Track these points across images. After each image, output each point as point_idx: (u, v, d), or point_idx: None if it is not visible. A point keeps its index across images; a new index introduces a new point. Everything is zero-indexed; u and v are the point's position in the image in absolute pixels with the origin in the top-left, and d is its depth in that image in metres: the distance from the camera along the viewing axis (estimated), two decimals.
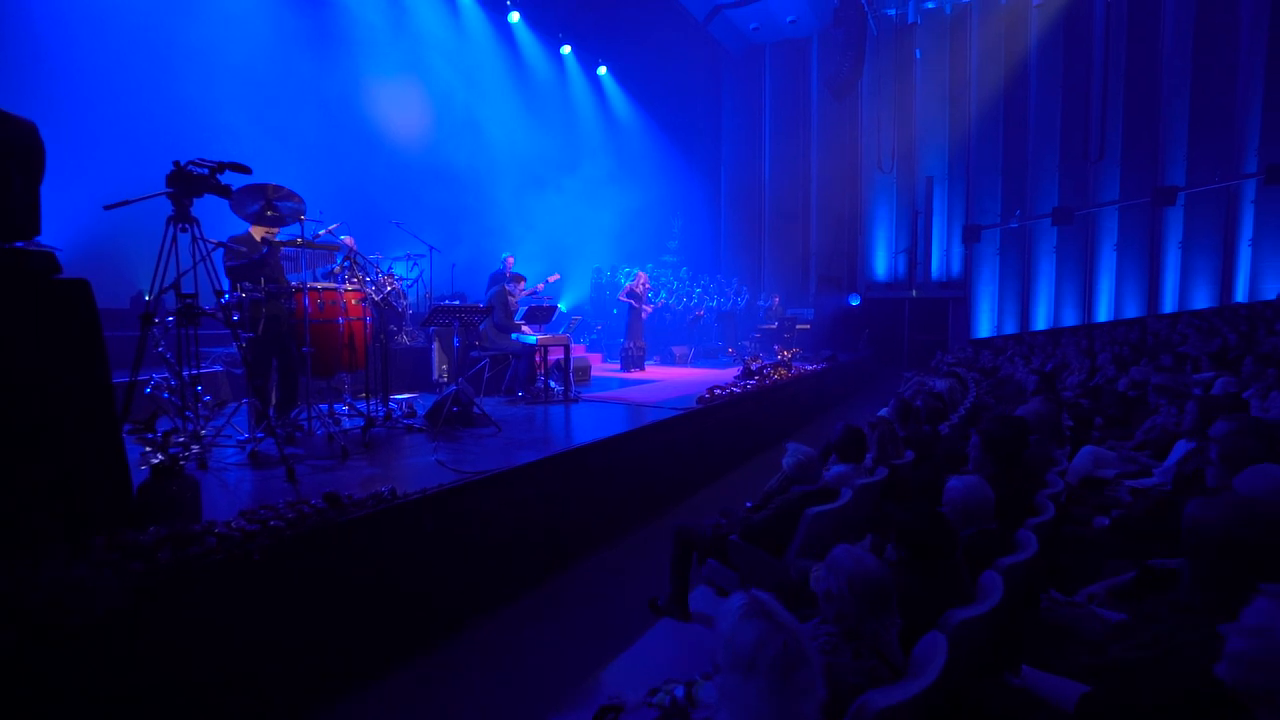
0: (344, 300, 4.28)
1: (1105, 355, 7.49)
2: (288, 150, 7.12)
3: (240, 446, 3.78)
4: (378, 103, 9.18)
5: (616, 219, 14.24)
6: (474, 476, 3.25)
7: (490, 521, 3.27)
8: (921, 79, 16.84)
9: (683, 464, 5.42)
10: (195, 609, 1.96)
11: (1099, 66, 15.37)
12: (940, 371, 10.13)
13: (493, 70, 11.71)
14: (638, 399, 6.52)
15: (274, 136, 7.17)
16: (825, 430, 9.41)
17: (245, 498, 2.91)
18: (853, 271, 17.89)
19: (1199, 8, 14.35)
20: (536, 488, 3.61)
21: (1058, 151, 15.87)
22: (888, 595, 1.58)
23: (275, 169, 4.08)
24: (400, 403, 5.26)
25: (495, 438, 4.48)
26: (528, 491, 3.54)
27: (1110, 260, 15.73)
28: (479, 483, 3.20)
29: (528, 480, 3.53)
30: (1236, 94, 14.08)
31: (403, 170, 9.35)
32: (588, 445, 4.07)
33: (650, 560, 4.05)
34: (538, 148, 12.23)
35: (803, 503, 2.91)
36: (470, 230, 10.32)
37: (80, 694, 1.67)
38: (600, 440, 4.20)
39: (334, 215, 5.41)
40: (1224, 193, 14.44)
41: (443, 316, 4.50)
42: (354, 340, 4.40)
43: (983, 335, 16.80)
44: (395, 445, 4.19)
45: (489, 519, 3.26)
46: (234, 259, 3.96)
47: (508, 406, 6.00)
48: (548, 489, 3.69)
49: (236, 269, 3.96)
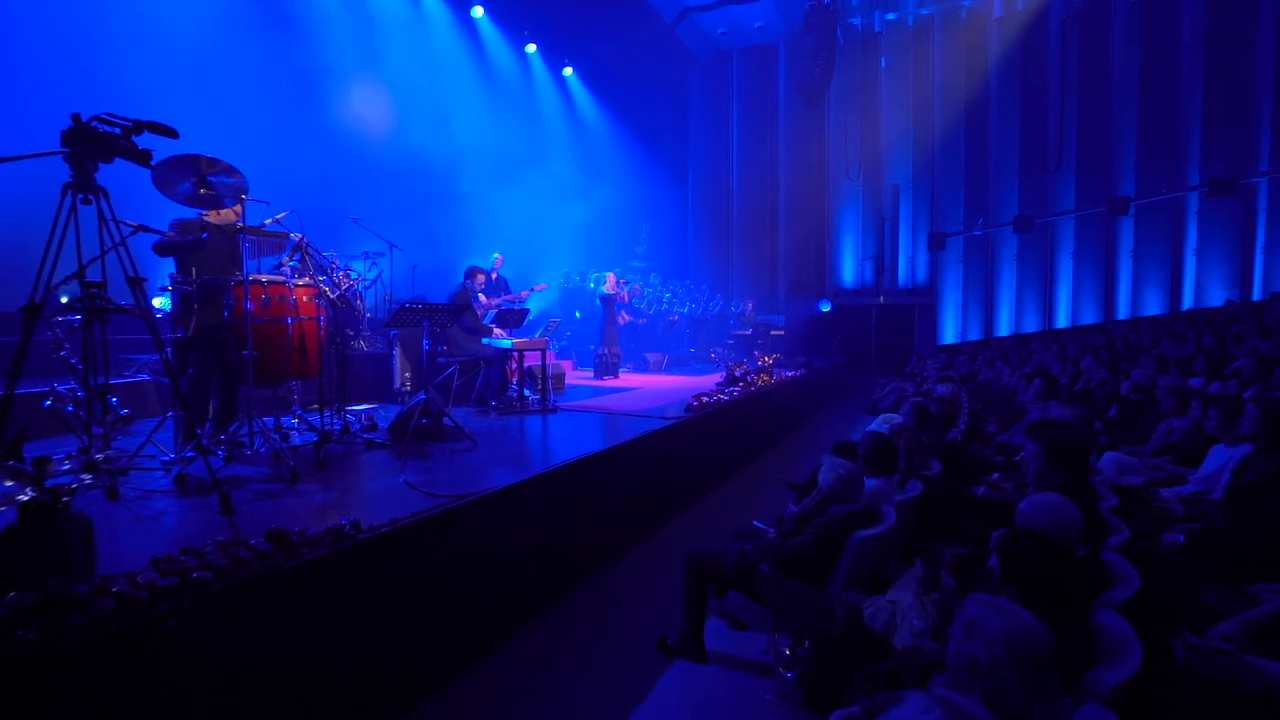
0: (293, 297, 3.69)
1: (1087, 359, 7.43)
2: (229, 132, 6.41)
3: (165, 469, 3.15)
4: (333, 90, 8.52)
5: (584, 223, 13.83)
6: (453, 501, 2.73)
7: (473, 554, 2.76)
8: (886, 88, 17.03)
9: (675, 477, 4.99)
10: (76, 707, 1.41)
11: (1055, 80, 15.82)
12: (922, 377, 10.01)
13: (456, 66, 11.17)
14: (620, 408, 6.07)
15: (214, 116, 6.46)
16: (810, 438, 9.23)
17: (164, 538, 2.33)
18: (821, 278, 17.89)
19: (1143, 30, 14.93)
20: (523, 511, 3.11)
21: (1017, 161, 16.23)
22: (1052, 662, 1.17)
23: (214, 152, 3.48)
24: (359, 415, 4.66)
25: (471, 454, 3.95)
26: (514, 516, 3.04)
27: (1068, 268, 16.13)
28: (460, 509, 2.68)
29: (514, 503, 3.03)
30: (1179, 111, 14.66)
31: (360, 164, 8.69)
32: (578, 461, 3.58)
33: (652, 586, 3.60)
34: (502, 147, 11.71)
35: (847, 525, 2.51)
36: (432, 231, 9.70)
37: None
38: (591, 455, 3.72)
39: (284, 206, 4.79)
40: (1171, 204, 14.99)
41: (410, 317, 3.95)
42: (305, 343, 3.82)
43: (948, 341, 16.99)
44: (355, 465, 3.62)
45: (471, 552, 2.75)
46: (166, 236, 3.33)
47: (480, 418, 5.45)
48: (536, 512, 3.20)
49: (163, 247, 3.33)
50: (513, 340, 5.41)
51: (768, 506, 5.52)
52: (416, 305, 3.88)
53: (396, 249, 7.38)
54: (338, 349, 4.21)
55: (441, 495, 2.85)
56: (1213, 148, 14.33)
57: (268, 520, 2.47)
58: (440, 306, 4.01)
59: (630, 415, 5.62)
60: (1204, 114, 14.43)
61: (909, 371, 11.75)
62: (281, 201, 4.95)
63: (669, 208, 17.61)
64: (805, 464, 7.42)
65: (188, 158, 3.06)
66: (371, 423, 4.62)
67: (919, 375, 10.96)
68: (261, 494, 2.89)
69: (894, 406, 8.88)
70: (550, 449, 4.23)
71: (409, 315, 3.92)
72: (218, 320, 3.47)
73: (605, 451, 3.85)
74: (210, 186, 3.17)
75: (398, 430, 4.15)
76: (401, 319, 3.95)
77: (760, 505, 5.57)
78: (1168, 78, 14.73)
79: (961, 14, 16.40)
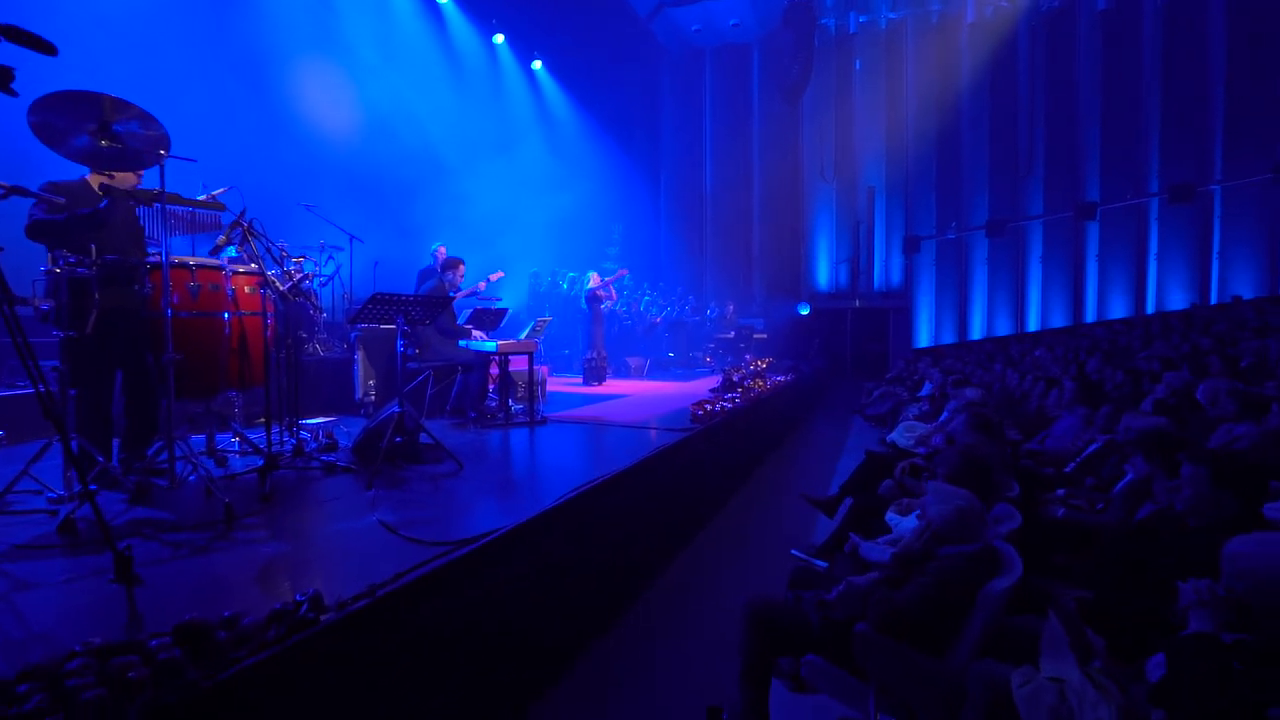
0: (231, 286, 2.92)
1: (1093, 360, 7.16)
2: (165, 108, 5.52)
3: (51, 512, 2.36)
4: (285, 71, 7.65)
5: (553, 221, 13.17)
6: (449, 551, 2.05)
7: (476, 621, 2.07)
8: (860, 91, 16.92)
9: (691, 495, 4.37)
10: None
11: (1025, 85, 15.98)
12: (915, 381, 9.68)
13: (420, 53, 10.40)
14: (616, 418, 5.42)
15: (150, 91, 5.56)
16: (805, 445, 8.73)
17: (12, 635, 1.56)
18: (796, 281, 17.61)
19: (1106, 39, 15.21)
20: (538, 555, 2.43)
21: (988, 165, 16.32)
22: None
23: None
24: (315, 431, 3.89)
25: (456, 479, 3.24)
26: (527, 562, 2.36)
27: (1038, 271, 16.27)
28: (459, 561, 2.00)
29: (526, 546, 2.35)
30: (1140, 119, 14.97)
31: (315, 151, 7.83)
32: (595, 487, 2.92)
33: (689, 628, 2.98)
34: (468, 140, 10.97)
35: (971, 574, 1.94)
36: (395, 225, 8.87)
37: None
38: (608, 478, 3.06)
39: (225, 183, 3.98)
40: (1134, 210, 15.26)
41: (381, 311, 3.21)
42: (247, 344, 3.05)
43: (922, 345, 16.94)
44: (312, 497, 2.87)
45: (475, 615, 2.06)
46: (46, 210, 2.54)
47: (458, 432, 4.72)
48: (553, 554, 2.53)
49: (45, 226, 2.54)
50: (498, 343, 4.70)
51: (786, 524, 4.96)
52: (391, 297, 3.15)
53: (357, 241, 6.56)
54: (289, 352, 3.44)
55: (430, 542, 2.15)
56: (1171, 156, 14.67)
57: (185, 594, 1.74)
58: (420, 299, 3.29)
59: (630, 427, 4.98)
60: (1163, 123, 14.77)
61: (897, 375, 11.43)
62: (222, 181, 4.12)
63: (642, 208, 17.06)
64: (806, 473, 6.92)
65: (85, 95, 2.29)
66: (331, 441, 3.86)
67: (909, 379, 10.66)
68: (182, 547, 2.14)
69: (894, 412, 8.51)
70: (551, 470, 3.55)
71: (380, 309, 3.19)
72: (126, 313, 2.69)
73: (623, 473, 3.20)
74: (116, 138, 2.41)
75: (365, 451, 3.41)
76: (370, 313, 3.21)
77: (778, 522, 5.00)
78: (1130, 86, 15.05)
79: (933, 19, 16.44)
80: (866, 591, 2.20)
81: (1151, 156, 15.05)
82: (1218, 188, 14.43)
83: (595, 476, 3.04)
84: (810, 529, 4.80)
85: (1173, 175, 14.57)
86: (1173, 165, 14.68)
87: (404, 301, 3.20)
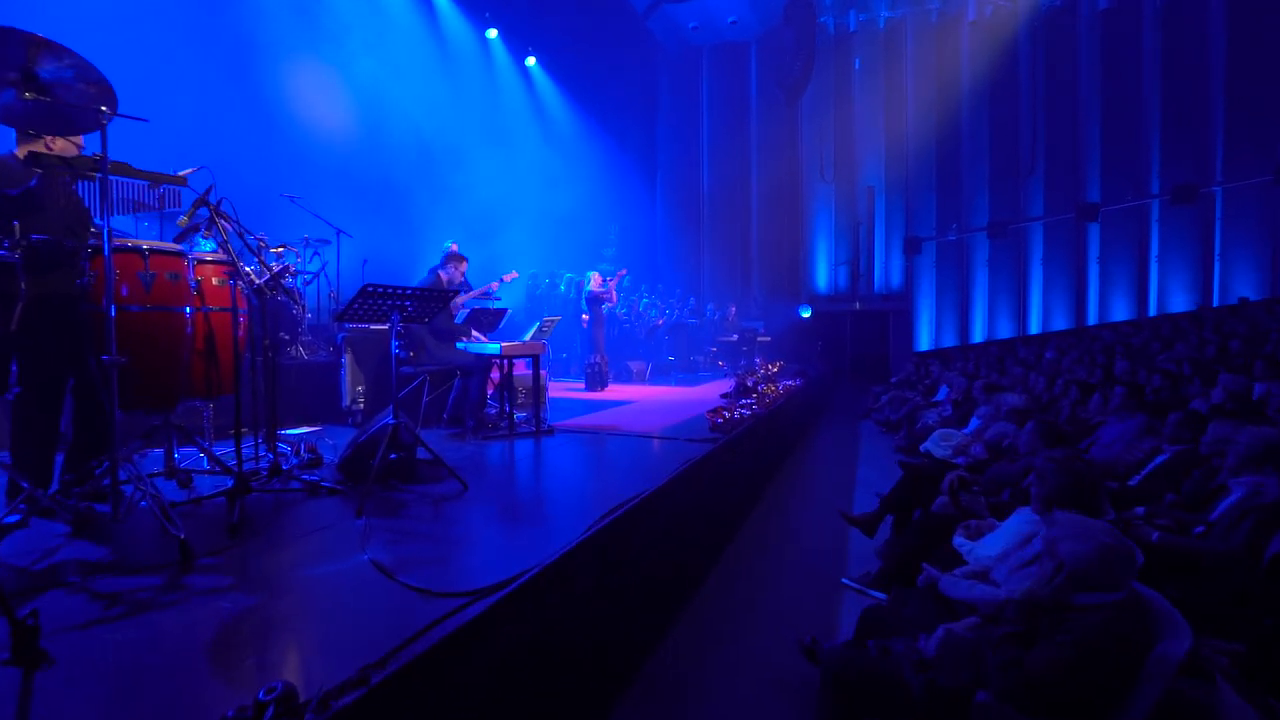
0: (195, 276, 2.47)
1: (1122, 363, 6.84)
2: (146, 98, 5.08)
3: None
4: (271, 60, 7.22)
5: (549, 221, 12.76)
6: (463, 604, 1.60)
7: (494, 697, 1.62)
8: (860, 90, 16.66)
9: (716, 513, 3.95)
10: None
11: (1025, 85, 15.79)
12: (929, 385, 9.34)
13: (411, 46, 9.96)
14: (627, 427, 4.98)
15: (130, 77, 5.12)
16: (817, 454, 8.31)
17: None
18: (795, 283, 17.28)
19: (1106, 39, 15.08)
20: (567, 602, 1.99)
21: (988, 166, 16.11)
22: None
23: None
24: (296, 444, 3.43)
25: (459, 502, 2.80)
26: (555, 612, 1.92)
27: (1039, 273, 16.08)
28: (479, 620, 1.55)
29: (556, 591, 1.91)
30: (1141, 119, 14.84)
31: (302, 143, 7.38)
32: (627, 511, 2.49)
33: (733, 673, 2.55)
34: (462, 136, 10.57)
35: (1124, 630, 1.53)
36: (385, 223, 8.41)
37: None
38: (642, 500, 2.63)
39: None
40: (1135, 211, 15.11)
41: (374, 307, 2.76)
42: (215, 345, 2.59)
43: (923, 348, 16.67)
44: (289, 526, 2.42)
45: (493, 689, 1.61)
46: None
47: (456, 443, 4.26)
48: (582, 598, 2.09)
49: None
50: (502, 344, 4.26)
51: (815, 539, 4.53)
52: (384, 291, 2.70)
53: (345, 236, 6.09)
54: (268, 355, 2.98)
55: (440, 593, 1.71)
56: (1172, 157, 14.54)
57: (107, 683, 1.29)
58: (418, 293, 2.84)
59: (644, 436, 4.56)
60: (1163, 124, 14.64)
61: (906, 379, 11.09)
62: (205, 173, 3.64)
63: (639, 208, 16.67)
64: (826, 484, 6.51)
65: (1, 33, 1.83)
66: (314, 456, 3.40)
67: (920, 382, 10.33)
68: (118, 602, 1.68)
69: (910, 418, 8.13)
70: (567, 489, 3.11)
71: (372, 305, 2.73)
72: (62, 306, 2.23)
73: (656, 492, 2.76)
74: (44, 90, 1.95)
75: (354, 469, 2.95)
76: (360, 310, 2.75)
77: (807, 538, 4.58)
78: (1130, 86, 14.92)
79: (933, 18, 16.23)
80: (976, 647, 1.78)
81: (1152, 157, 14.91)
82: (1219, 189, 14.30)
83: (621, 496, 2.61)
84: (842, 543, 4.39)
85: (1173, 176, 14.42)
86: (1173, 166, 14.54)
87: (399, 296, 2.75)
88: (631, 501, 2.55)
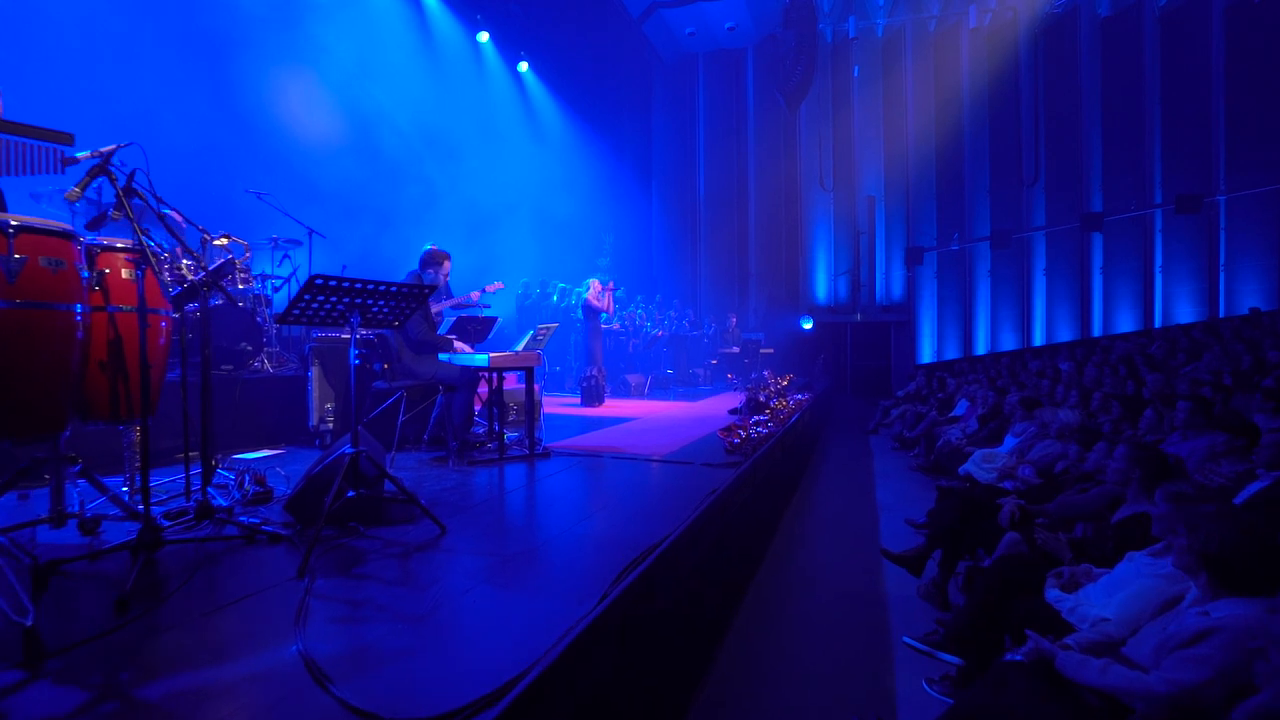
0: (87, 267, 1.91)
1: (1156, 377, 6.37)
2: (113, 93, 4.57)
3: None
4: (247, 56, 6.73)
5: (541, 229, 12.27)
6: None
7: None
8: (859, 98, 16.38)
9: (736, 556, 3.40)
10: None
11: (1028, 93, 15.57)
12: (943, 399, 8.84)
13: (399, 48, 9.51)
14: (631, 449, 4.42)
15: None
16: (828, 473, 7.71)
17: None
18: (795, 294, 16.85)
19: (1107, 47, 14.91)
20: (579, 712, 1.43)
21: (989, 175, 15.83)
22: None
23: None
24: (242, 472, 2.84)
25: (436, 551, 2.23)
26: None
27: (1042, 284, 15.77)
28: None
29: (565, 690, 1.35)
30: (1144, 128, 14.64)
31: (284, 145, 6.89)
32: (650, 565, 1.93)
33: None
34: (451, 143, 10.08)
35: None
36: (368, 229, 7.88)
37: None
38: (664, 550, 2.07)
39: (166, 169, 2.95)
40: (1138, 221, 14.86)
41: (323, 304, 2.19)
42: (124, 354, 2.03)
43: (925, 360, 16.26)
44: (203, 595, 1.84)
45: None
46: None
47: (436, 469, 3.69)
48: (593, 700, 1.52)
49: None
50: (490, 355, 3.70)
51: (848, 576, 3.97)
52: (339, 286, 2.13)
53: (319, 236, 5.53)
54: (202, 369, 2.41)
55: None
56: (1174, 166, 14.31)
57: None
58: (388, 289, 2.28)
59: (652, 460, 4.00)
60: (1164, 132, 14.44)
61: (916, 392, 10.60)
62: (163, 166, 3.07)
63: (633, 217, 16.22)
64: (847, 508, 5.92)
65: None
66: (262, 489, 2.82)
67: (931, 396, 9.84)
68: None
69: (928, 435, 7.61)
70: (569, 529, 2.55)
71: (325, 302, 2.17)
72: None
73: (678, 540, 2.21)
74: None
75: (305, 507, 2.38)
76: (310, 310, 2.18)
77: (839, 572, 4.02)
78: (1132, 94, 14.73)
79: (932, 25, 16.01)
80: None
81: (1155, 166, 14.69)
82: (1223, 198, 14.07)
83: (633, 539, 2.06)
84: (877, 581, 3.85)
85: (1176, 185, 14.17)
86: (1176, 175, 14.31)
87: (359, 292, 2.19)
88: (651, 554, 1.99)
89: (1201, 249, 14.30)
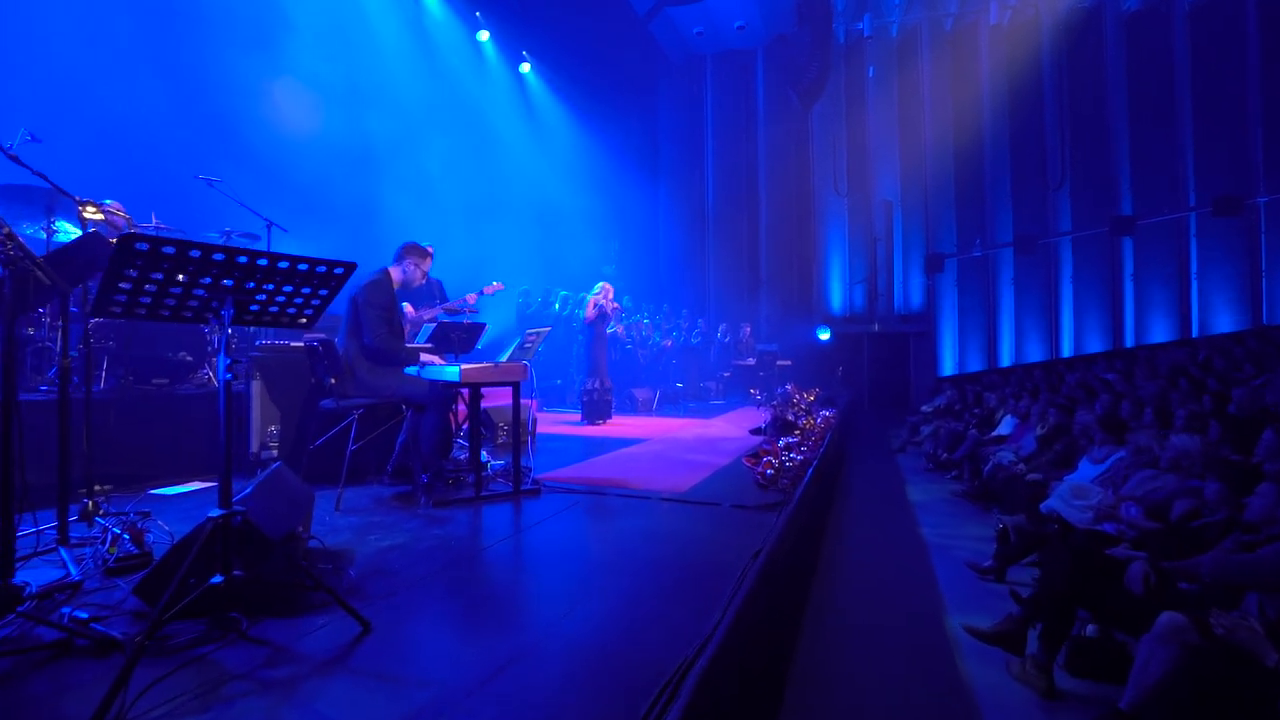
0: None
1: (1241, 391, 5.53)
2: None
3: None
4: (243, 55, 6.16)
5: (543, 235, 11.56)
6: None
7: None
8: (874, 99, 15.69)
9: (775, 642, 2.58)
10: None
11: (1050, 93, 14.86)
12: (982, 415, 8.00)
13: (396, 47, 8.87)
14: (643, 482, 3.60)
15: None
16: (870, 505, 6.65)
17: None
18: (809, 303, 16.06)
19: (1133, 43, 14.22)
20: None
21: (1011, 177, 15.09)
22: None
23: None
24: (106, 527, 2.06)
25: (340, 676, 1.43)
26: None
27: (1069, 291, 14.95)
28: None
29: None
30: (1175, 127, 13.90)
31: (274, 146, 6.25)
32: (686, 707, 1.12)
33: None
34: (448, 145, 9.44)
35: None
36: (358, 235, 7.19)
37: None
38: (699, 684, 1.26)
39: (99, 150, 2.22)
40: (1171, 225, 14.06)
41: (159, 277, 1.41)
42: None
43: (947, 373, 15.41)
44: None
45: None
46: None
47: (393, 511, 2.90)
48: None
49: None
50: (460, 367, 2.92)
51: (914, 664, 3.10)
52: (177, 250, 1.34)
53: (278, 229, 4.78)
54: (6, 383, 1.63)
55: None
56: (1209, 167, 13.53)
57: None
58: (286, 264, 1.49)
59: (668, 500, 3.18)
60: (1197, 131, 13.68)
61: (946, 406, 9.77)
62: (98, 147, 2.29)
63: (640, 223, 15.50)
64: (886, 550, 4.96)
65: None
66: (138, 549, 2.03)
67: (965, 411, 9.01)
68: None
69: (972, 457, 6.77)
70: (559, 626, 1.74)
71: (157, 281, 1.38)
72: None
73: (718, 654, 1.40)
74: None
75: (155, 592, 1.59)
76: (137, 297, 1.41)
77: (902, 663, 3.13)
78: (1162, 92, 13.99)
79: (949, 23, 15.35)
80: None
81: (1188, 167, 13.90)
82: (1263, 200, 13.25)
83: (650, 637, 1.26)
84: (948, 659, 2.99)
85: (1211, 187, 13.37)
86: (1211, 176, 13.52)
87: (224, 267, 1.39)
88: (679, 691, 1.19)
89: (1241, 253, 13.46)
